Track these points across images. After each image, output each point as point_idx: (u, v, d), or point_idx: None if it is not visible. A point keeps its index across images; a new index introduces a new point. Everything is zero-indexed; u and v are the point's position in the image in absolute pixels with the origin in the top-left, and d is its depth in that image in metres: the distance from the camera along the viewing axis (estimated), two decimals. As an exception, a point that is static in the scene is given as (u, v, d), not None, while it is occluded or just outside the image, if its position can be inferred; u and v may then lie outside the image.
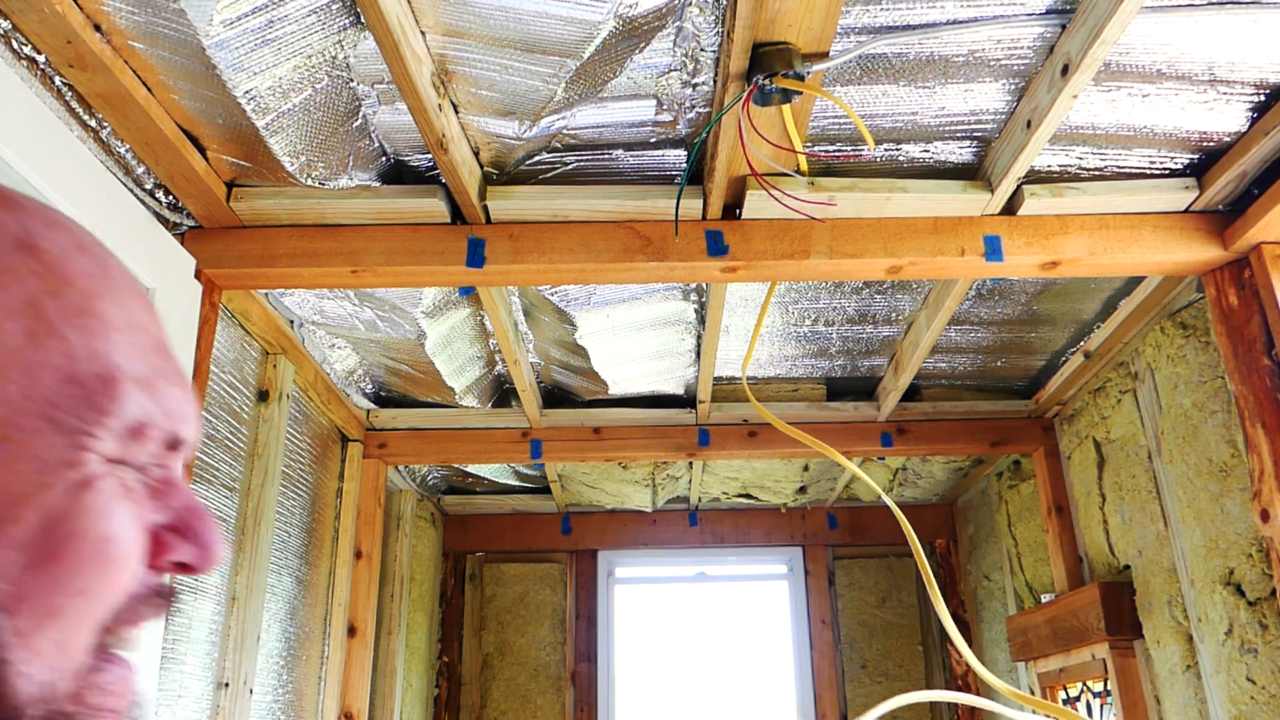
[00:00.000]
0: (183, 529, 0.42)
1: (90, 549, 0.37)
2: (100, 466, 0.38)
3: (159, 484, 0.42)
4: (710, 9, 1.43)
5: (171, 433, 0.42)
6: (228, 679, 2.05)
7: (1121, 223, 1.87)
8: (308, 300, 2.20)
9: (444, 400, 2.79)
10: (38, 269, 0.39)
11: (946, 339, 2.55)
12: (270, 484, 2.22)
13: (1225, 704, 2.08)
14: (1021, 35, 1.50)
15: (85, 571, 0.37)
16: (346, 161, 1.72)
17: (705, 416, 2.90)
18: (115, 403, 0.39)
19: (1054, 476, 2.87)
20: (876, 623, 4.00)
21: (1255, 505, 1.79)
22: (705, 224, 1.87)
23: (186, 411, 0.43)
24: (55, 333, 0.38)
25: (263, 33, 1.38)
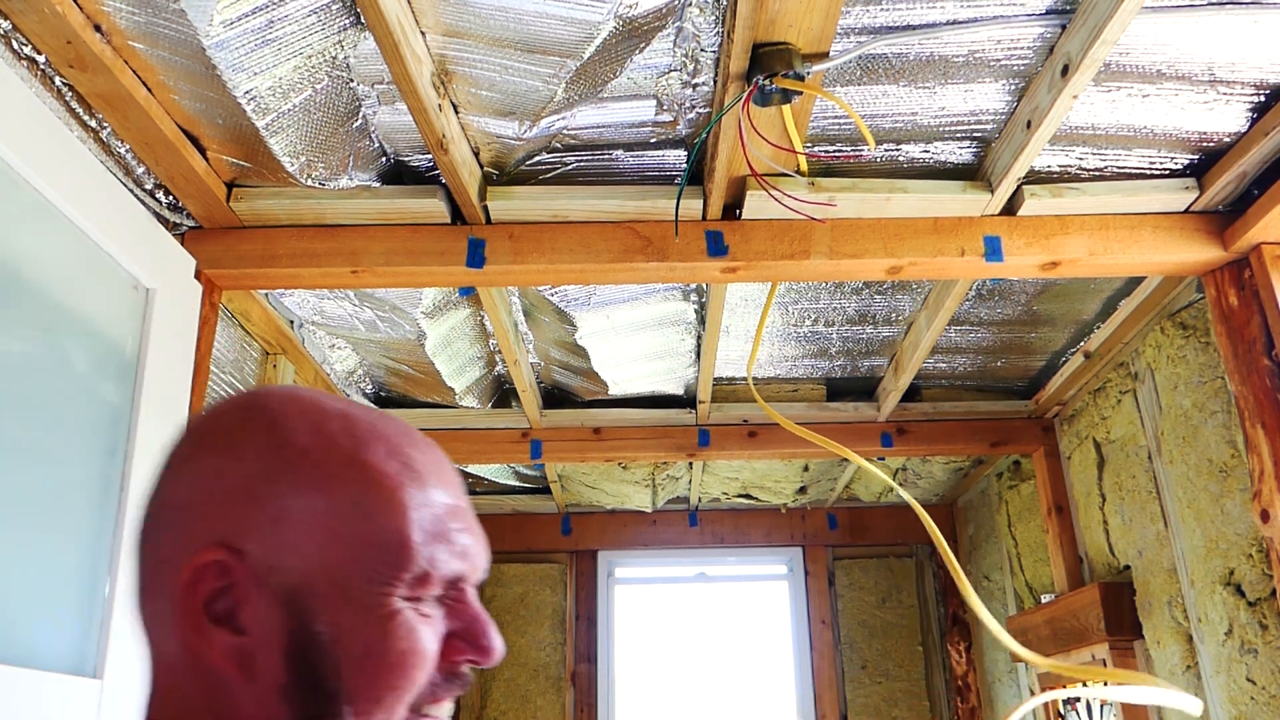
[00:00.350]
0: (469, 636, 0.60)
1: (397, 658, 0.56)
2: (401, 603, 0.57)
3: (453, 604, 0.61)
4: (710, 9, 1.43)
5: (454, 575, 0.60)
6: (228, 679, 2.05)
7: (1121, 223, 1.87)
8: (308, 300, 2.20)
9: (444, 400, 2.79)
10: (360, 477, 0.58)
11: (946, 339, 2.55)
12: (270, 484, 2.22)
13: (1225, 704, 2.08)
14: (1021, 35, 1.51)
15: (395, 673, 0.56)
16: (346, 162, 1.72)
17: (705, 417, 2.91)
18: (408, 563, 0.57)
19: (1054, 477, 2.87)
20: (876, 623, 4.00)
21: (1255, 505, 1.79)
22: (705, 224, 1.87)
23: (468, 556, 0.61)
24: (370, 520, 0.57)
25: (263, 33, 1.38)
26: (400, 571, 0.57)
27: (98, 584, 1.45)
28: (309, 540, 0.56)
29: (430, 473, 0.61)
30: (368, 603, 0.56)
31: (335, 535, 0.56)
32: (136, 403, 1.55)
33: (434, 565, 0.58)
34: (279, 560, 0.56)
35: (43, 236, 1.37)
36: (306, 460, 0.58)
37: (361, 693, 0.55)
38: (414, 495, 0.59)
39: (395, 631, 0.56)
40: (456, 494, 0.62)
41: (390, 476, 0.58)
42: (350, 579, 0.56)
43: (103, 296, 1.52)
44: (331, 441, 0.59)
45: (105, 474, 1.48)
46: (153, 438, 1.58)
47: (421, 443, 0.63)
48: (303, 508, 0.56)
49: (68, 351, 1.42)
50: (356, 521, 0.57)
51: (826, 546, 4.05)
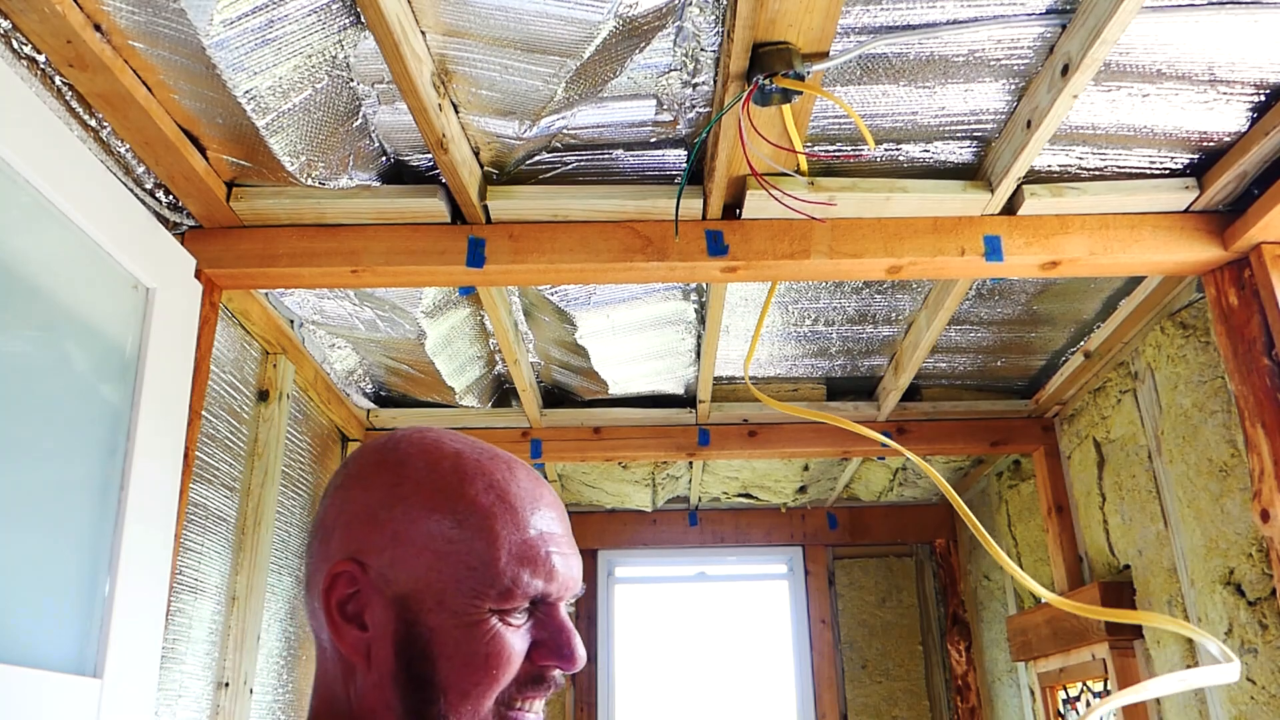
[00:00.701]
0: (554, 645, 0.71)
1: (481, 659, 0.68)
2: (489, 614, 0.68)
3: (542, 617, 0.71)
4: (710, 9, 1.43)
5: (540, 592, 0.70)
6: (228, 678, 2.05)
7: (1121, 223, 1.87)
8: (308, 300, 2.20)
9: (444, 400, 2.79)
10: (459, 508, 0.70)
11: (946, 339, 2.55)
12: (270, 484, 2.22)
13: (1225, 704, 2.08)
14: (1021, 35, 1.51)
15: (479, 670, 0.67)
16: (346, 161, 1.72)
17: (705, 416, 2.91)
18: (494, 581, 0.69)
19: (1054, 476, 2.87)
20: (876, 623, 4.00)
21: (1255, 505, 1.79)
22: (705, 224, 1.87)
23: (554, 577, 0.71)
24: (465, 544, 0.69)
25: (263, 32, 1.38)
26: (487, 587, 0.68)
27: (98, 584, 1.45)
28: (417, 558, 0.69)
29: (525, 505, 0.72)
30: (461, 611, 0.68)
31: (437, 555, 0.69)
32: (136, 402, 1.56)
33: (518, 584, 0.69)
34: (393, 573, 0.69)
35: (43, 236, 1.37)
36: (418, 493, 0.71)
37: (453, 685, 0.67)
38: (505, 524, 0.70)
39: (481, 637, 0.68)
40: (550, 523, 0.73)
41: (485, 507, 0.70)
42: (447, 591, 0.68)
43: (103, 296, 1.52)
44: (440, 477, 0.71)
45: (105, 474, 1.49)
46: (153, 437, 1.58)
47: (523, 479, 0.74)
48: (413, 531, 0.70)
49: (68, 351, 1.42)
50: (454, 544, 0.69)
51: (826, 546, 4.05)
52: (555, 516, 0.74)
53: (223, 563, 2.08)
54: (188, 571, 1.93)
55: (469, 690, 0.67)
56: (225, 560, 2.09)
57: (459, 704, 0.67)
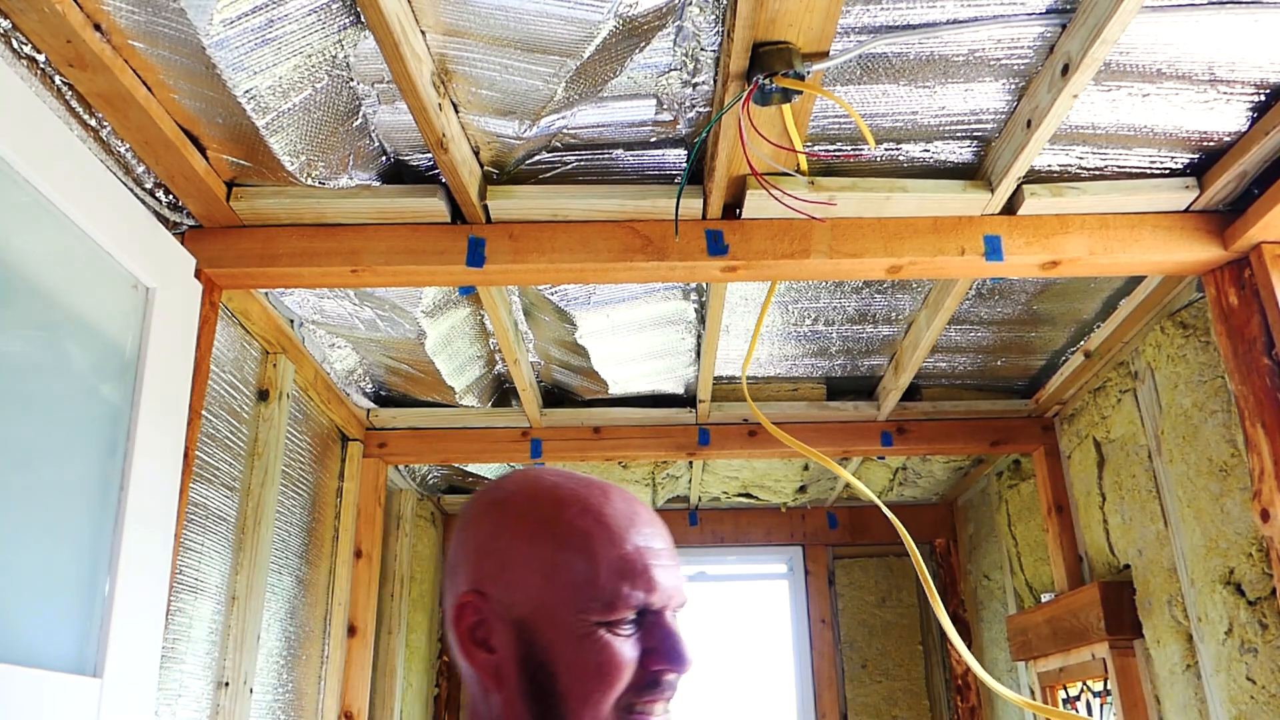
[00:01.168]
0: (663, 650, 0.76)
1: (595, 668, 0.74)
2: (597, 626, 0.75)
3: (650, 625, 0.77)
4: (710, 9, 1.43)
5: (644, 603, 0.76)
6: (228, 678, 2.05)
7: (1121, 222, 1.87)
8: (308, 300, 2.20)
9: (444, 400, 2.79)
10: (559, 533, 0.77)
11: (946, 339, 2.55)
12: (270, 483, 2.22)
13: (1225, 704, 2.08)
14: (1021, 35, 1.50)
15: (594, 678, 0.74)
16: (346, 161, 1.72)
17: (705, 416, 2.91)
18: (596, 596, 0.75)
19: (1054, 476, 2.87)
20: (876, 622, 4.00)
21: (1255, 505, 1.79)
22: (705, 223, 1.87)
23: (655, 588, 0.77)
24: (566, 565, 0.76)
25: (263, 32, 1.38)
26: (592, 602, 0.75)
27: (98, 584, 1.45)
28: (527, 582, 0.77)
29: (622, 526, 0.78)
30: (572, 626, 0.75)
31: (544, 577, 0.76)
32: (136, 402, 1.56)
33: (620, 596, 0.75)
34: (509, 598, 0.77)
35: (43, 236, 1.37)
36: (521, 523, 0.79)
37: (573, 693, 0.74)
38: (602, 542, 0.77)
39: (593, 648, 0.75)
40: (647, 539, 0.79)
41: (582, 529, 0.77)
42: (557, 610, 0.75)
43: (103, 296, 1.52)
44: (539, 507, 0.79)
45: (105, 474, 1.48)
46: (153, 437, 1.58)
47: (618, 501, 0.81)
48: (520, 558, 0.77)
49: (68, 351, 1.42)
50: (557, 566, 0.76)
51: (826, 546, 4.05)
52: (653, 533, 0.80)
53: (223, 562, 2.08)
54: (188, 571, 1.93)
55: (587, 697, 0.74)
56: (225, 560, 2.09)
57: (580, 710, 0.74)
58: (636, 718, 0.75)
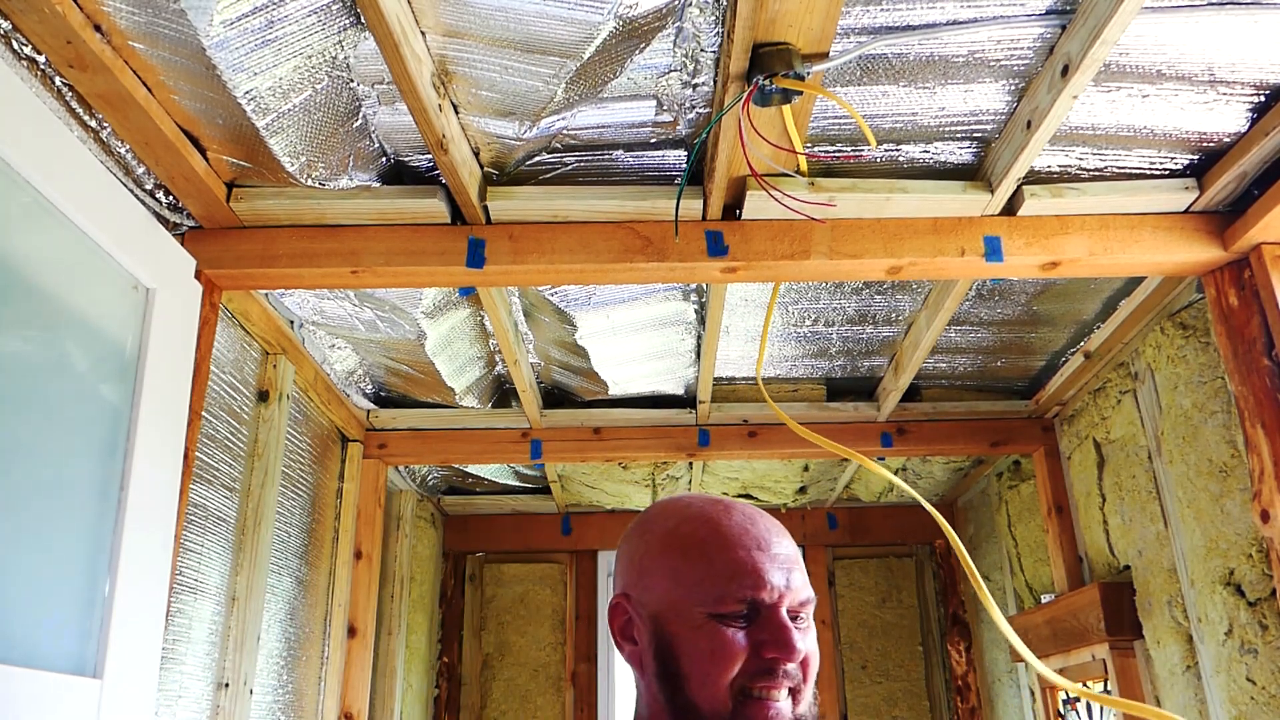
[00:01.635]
0: (771, 639, 0.87)
1: (709, 653, 0.87)
2: (710, 619, 0.88)
3: (761, 619, 0.88)
4: (710, 9, 1.43)
5: (752, 599, 0.88)
6: (228, 679, 2.05)
7: (1121, 223, 1.87)
8: (308, 300, 2.20)
9: (444, 400, 2.79)
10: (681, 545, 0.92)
11: (946, 339, 2.55)
12: (270, 484, 2.22)
13: (1225, 704, 2.08)
14: (1021, 36, 1.51)
15: (709, 662, 0.87)
16: (346, 162, 1.72)
17: (705, 416, 2.91)
18: (709, 593, 0.88)
19: (1054, 476, 2.87)
20: (876, 623, 4.00)
21: (1255, 505, 1.79)
22: (705, 224, 1.87)
23: (761, 587, 0.88)
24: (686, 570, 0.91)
25: (263, 33, 1.38)
26: (706, 597, 0.88)
27: (98, 584, 1.45)
28: (659, 584, 0.92)
29: (736, 533, 0.91)
30: (691, 619, 0.89)
31: (672, 579, 0.91)
32: (136, 403, 1.55)
33: (729, 592, 0.88)
34: (646, 598, 0.93)
35: (43, 236, 1.37)
36: (657, 536, 0.95)
37: (694, 675, 0.87)
38: (717, 549, 0.90)
39: (707, 636, 0.87)
40: (760, 545, 0.91)
41: (701, 539, 0.91)
42: (681, 605, 0.89)
43: (103, 296, 1.52)
44: (672, 523, 0.95)
45: (105, 474, 1.48)
46: (153, 438, 1.58)
47: (738, 515, 0.94)
48: (654, 565, 0.93)
49: (68, 351, 1.42)
50: (680, 570, 0.91)
51: (826, 546, 4.05)
52: (767, 539, 0.92)
53: (223, 563, 2.08)
54: (188, 572, 1.93)
55: (704, 678, 0.87)
56: (225, 561, 2.09)
57: (699, 690, 0.87)
58: (753, 702, 0.87)
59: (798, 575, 0.92)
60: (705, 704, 0.87)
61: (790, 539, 0.96)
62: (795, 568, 0.92)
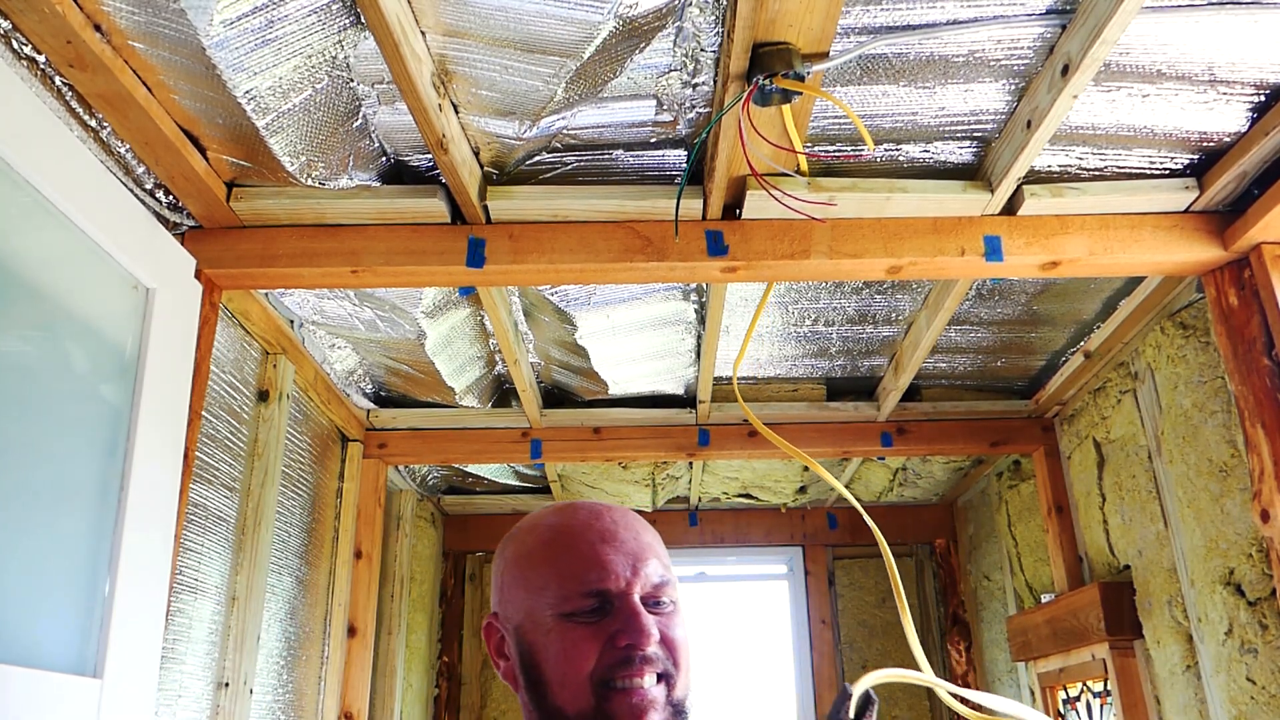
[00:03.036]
0: (625, 628, 0.86)
1: (561, 653, 0.87)
2: (560, 619, 0.87)
3: (613, 610, 0.87)
4: (710, 9, 1.43)
5: (596, 588, 0.87)
6: (228, 679, 2.05)
7: (1122, 223, 1.87)
8: (308, 300, 2.20)
9: (444, 400, 2.79)
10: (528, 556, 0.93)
11: (946, 339, 2.55)
12: (270, 484, 2.22)
13: (1225, 704, 2.08)
14: (1021, 35, 1.50)
15: (565, 663, 0.86)
16: (346, 161, 1.72)
17: (705, 416, 2.91)
18: (555, 592, 0.88)
19: (1054, 476, 2.87)
20: (876, 623, 4.00)
21: (1255, 505, 1.79)
22: (705, 224, 1.87)
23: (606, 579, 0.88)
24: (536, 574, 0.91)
25: (263, 33, 1.38)
26: (552, 598, 0.88)
27: (98, 584, 1.45)
28: (514, 596, 0.92)
29: (578, 529, 0.91)
30: (544, 624, 0.88)
31: (524, 589, 0.91)
32: (136, 403, 1.55)
33: (573, 589, 0.87)
34: (507, 611, 0.93)
35: (43, 236, 1.37)
36: (513, 550, 0.95)
37: (553, 678, 0.87)
38: (559, 548, 0.90)
39: (559, 637, 0.87)
40: (602, 535, 0.91)
41: (545, 542, 0.92)
42: (534, 613, 0.89)
43: (103, 296, 1.52)
44: (523, 535, 0.95)
45: (105, 474, 1.48)
46: (153, 438, 1.58)
47: (583, 512, 0.93)
48: (510, 578, 0.93)
49: (68, 351, 1.42)
50: (529, 578, 0.91)
51: (826, 546, 4.05)
52: (611, 531, 0.91)
53: (223, 563, 2.08)
54: (188, 571, 1.93)
55: (563, 679, 0.86)
56: (225, 560, 2.09)
57: (560, 691, 0.86)
58: (617, 693, 0.85)
59: (651, 562, 0.90)
60: (568, 705, 0.85)
61: (648, 530, 0.95)
62: (646, 554, 0.91)
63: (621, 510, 0.95)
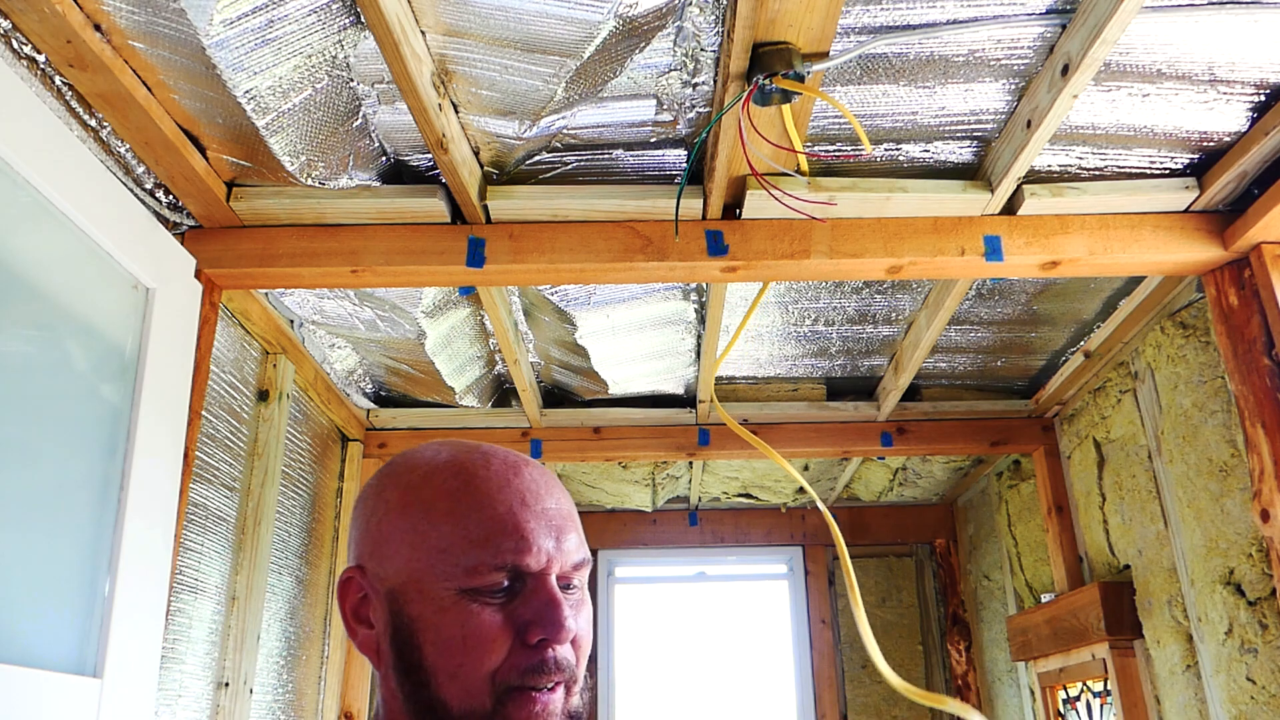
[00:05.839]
0: (539, 618, 0.70)
1: (458, 640, 0.70)
2: (461, 595, 0.70)
3: (525, 594, 0.72)
4: (710, 9, 1.43)
5: (510, 564, 0.71)
6: (228, 678, 2.05)
7: (1121, 223, 1.87)
8: (308, 300, 2.20)
9: (444, 400, 2.79)
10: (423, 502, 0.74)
11: (946, 339, 2.55)
12: (270, 484, 2.22)
13: (1225, 704, 2.08)
14: (1021, 35, 1.51)
15: (459, 651, 0.70)
16: (346, 161, 1.72)
17: (705, 416, 2.91)
18: (460, 560, 0.71)
19: (1054, 476, 2.87)
20: (876, 623, 4.00)
21: (1255, 505, 1.79)
22: (705, 224, 1.87)
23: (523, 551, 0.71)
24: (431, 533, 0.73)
25: (263, 32, 1.38)
26: (454, 568, 0.71)
27: (98, 584, 1.45)
28: (397, 553, 0.73)
29: (494, 486, 0.74)
30: (436, 597, 0.71)
31: (412, 546, 0.73)
32: (136, 402, 1.56)
33: (485, 560, 0.71)
34: (382, 570, 0.74)
35: (43, 236, 1.37)
36: (395, 492, 0.76)
37: (440, 668, 0.70)
38: (469, 506, 0.73)
39: (456, 618, 0.70)
40: (524, 499, 0.74)
41: (450, 492, 0.73)
42: (424, 579, 0.72)
43: (103, 296, 1.52)
44: (414, 476, 0.76)
45: (105, 474, 1.49)
46: (153, 437, 1.58)
47: (497, 464, 0.76)
48: (391, 528, 0.74)
49: (68, 351, 1.42)
50: (423, 534, 0.72)
51: (826, 546, 4.05)
52: (533, 492, 0.75)
53: (223, 563, 2.08)
54: (188, 571, 1.93)
55: (455, 672, 0.70)
56: (225, 560, 2.09)
57: (448, 685, 0.70)
58: (519, 695, 0.70)
59: (571, 535, 0.75)
60: (456, 701, 0.69)
61: (565, 493, 0.78)
62: (568, 525, 0.75)
63: (538, 466, 0.79)
